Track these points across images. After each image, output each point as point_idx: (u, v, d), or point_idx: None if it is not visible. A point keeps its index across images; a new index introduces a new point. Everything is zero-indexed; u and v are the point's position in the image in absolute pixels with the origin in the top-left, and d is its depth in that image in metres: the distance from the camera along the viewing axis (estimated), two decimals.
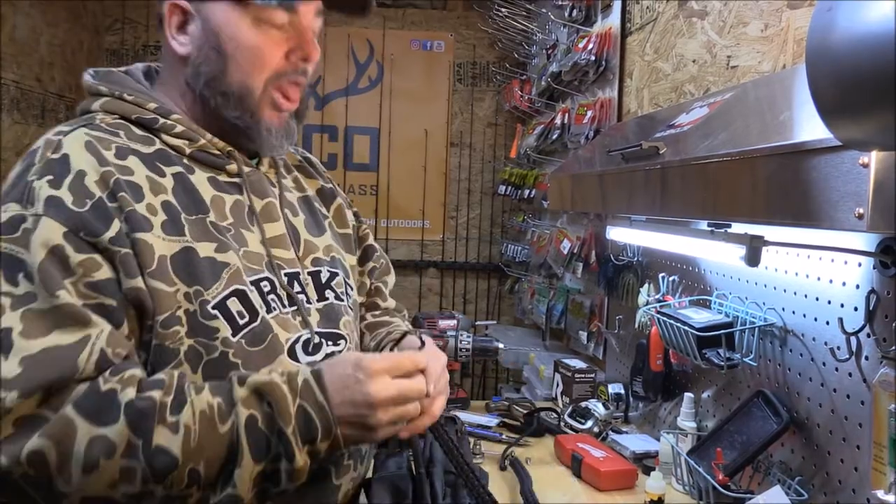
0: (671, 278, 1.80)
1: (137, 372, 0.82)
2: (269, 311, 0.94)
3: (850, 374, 1.18)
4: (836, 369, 1.21)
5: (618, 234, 1.78)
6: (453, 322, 2.13)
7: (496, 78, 3.81)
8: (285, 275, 1.00)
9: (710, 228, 1.27)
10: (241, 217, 0.98)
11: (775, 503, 1.18)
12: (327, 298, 1.05)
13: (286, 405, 0.82)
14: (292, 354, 0.95)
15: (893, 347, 1.05)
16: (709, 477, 1.38)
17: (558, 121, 2.65)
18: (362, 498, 1.05)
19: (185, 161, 0.96)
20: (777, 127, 1.05)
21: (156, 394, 0.80)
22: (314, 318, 1.01)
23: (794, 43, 1.35)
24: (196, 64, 0.97)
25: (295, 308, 0.98)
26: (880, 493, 1.06)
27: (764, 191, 0.98)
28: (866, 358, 1.14)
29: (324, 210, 1.17)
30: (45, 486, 0.77)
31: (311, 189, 1.17)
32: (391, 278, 1.33)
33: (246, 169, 1.01)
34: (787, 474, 1.34)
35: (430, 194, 3.90)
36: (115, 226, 0.84)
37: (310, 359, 0.97)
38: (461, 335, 2.05)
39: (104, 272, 0.83)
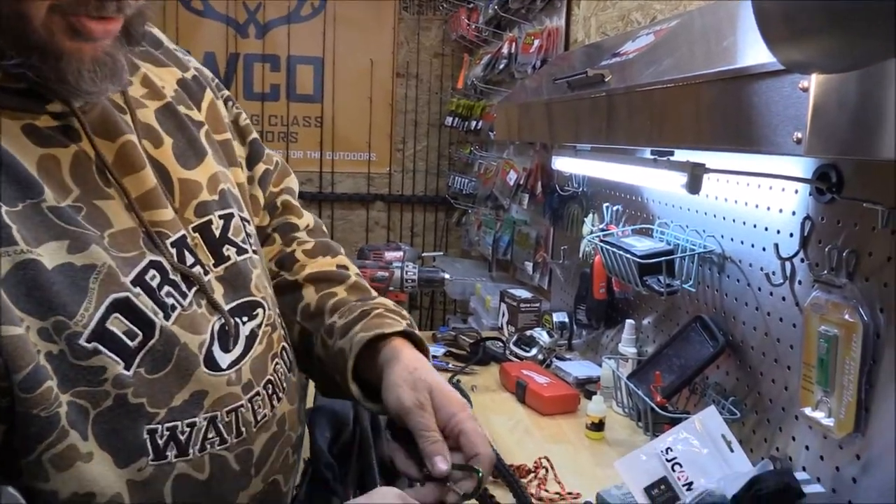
0: (615, 208, 1.82)
1: None
2: (167, 315, 0.70)
3: (783, 299, 1.22)
4: (771, 294, 1.25)
5: (563, 164, 1.78)
6: (399, 253, 2.13)
7: (443, 6, 3.72)
8: (172, 245, 0.74)
9: (653, 157, 1.28)
10: (89, 179, 0.69)
11: (710, 422, 1.22)
12: (227, 258, 0.81)
13: None
14: (210, 363, 0.74)
15: (825, 271, 1.08)
16: (647, 399, 1.43)
17: (505, 50, 2.62)
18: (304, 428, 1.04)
19: None
20: (721, 53, 1.05)
21: None
22: (218, 293, 0.78)
23: None
24: None
25: (197, 289, 0.75)
26: (807, 411, 1.11)
27: (707, 117, 0.98)
28: (799, 282, 1.18)
29: (193, 114, 0.85)
30: None
31: (168, 86, 0.84)
32: (294, 183, 1.07)
33: (78, 103, 0.69)
34: (721, 395, 1.39)
35: (377, 126, 3.83)
36: None
37: (229, 357, 0.77)
38: (407, 266, 2.05)
39: None
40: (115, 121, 0.73)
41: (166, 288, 0.72)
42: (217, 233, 0.81)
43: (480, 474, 0.75)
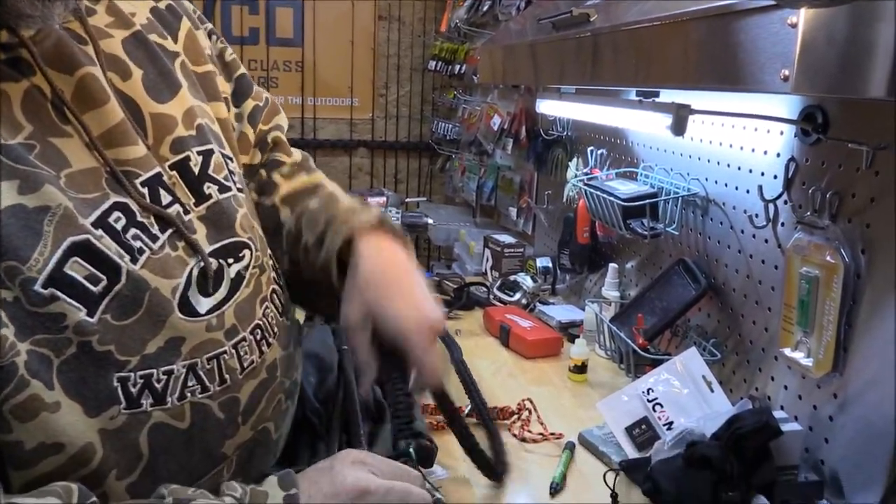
0: (599, 152, 1.81)
1: None
2: (134, 258, 0.67)
3: (766, 241, 1.22)
4: (754, 236, 1.25)
5: (548, 107, 1.76)
6: (382, 199, 2.12)
7: None
8: (142, 185, 0.70)
9: (638, 98, 1.26)
10: (43, 116, 0.65)
11: (690, 363, 1.24)
12: (209, 196, 0.77)
13: None
14: (185, 307, 0.70)
15: (808, 213, 1.08)
16: (629, 341, 1.44)
17: None
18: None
19: None
20: None
21: None
22: (200, 234, 0.74)
23: None
24: None
25: (172, 231, 0.71)
26: (787, 351, 1.13)
27: (694, 55, 0.97)
28: (782, 224, 1.18)
29: (167, 44, 0.80)
30: None
31: (140, 13, 0.78)
32: (284, 121, 1.03)
33: (27, 32, 0.63)
34: (703, 337, 1.40)
35: (358, 71, 3.76)
36: None
37: (209, 301, 0.73)
38: (390, 212, 2.04)
39: None
40: (72, 52, 0.68)
41: (133, 230, 0.68)
42: (196, 170, 0.77)
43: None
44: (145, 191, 0.70)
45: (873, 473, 0.98)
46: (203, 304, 0.73)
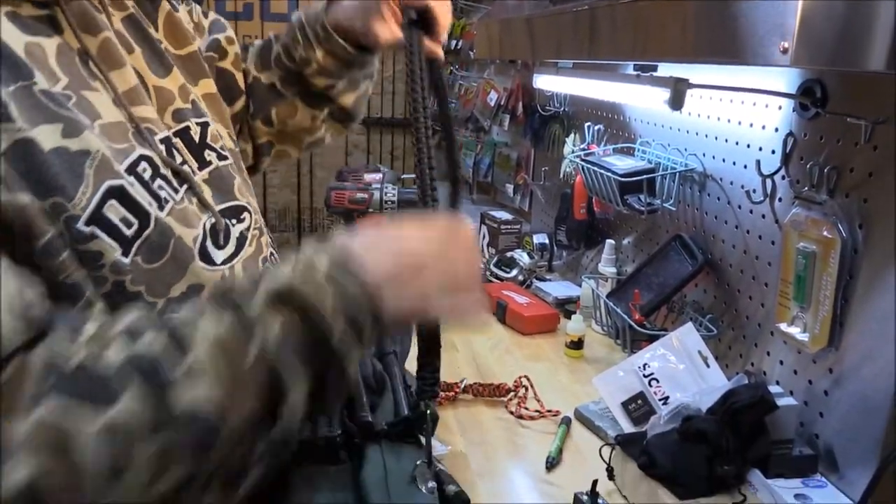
0: (596, 127, 1.80)
1: (93, 325, 0.56)
2: (161, 206, 0.70)
3: (763, 216, 1.22)
4: (751, 212, 1.25)
5: (545, 82, 1.75)
6: (378, 175, 2.10)
7: None
8: (160, 142, 0.74)
9: (636, 73, 1.25)
10: (74, 71, 0.68)
11: (687, 338, 1.24)
12: (209, 162, 0.81)
13: (321, 309, 0.58)
14: (204, 256, 0.74)
15: (806, 188, 1.08)
16: (625, 317, 1.45)
17: None
18: None
19: None
20: None
21: (142, 346, 0.54)
22: (207, 194, 0.78)
23: None
24: None
25: (187, 187, 0.74)
26: (783, 326, 1.13)
27: (692, 28, 0.95)
28: (780, 199, 1.17)
29: (151, 31, 0.83)
30: None
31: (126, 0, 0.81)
32: (230, 31, 1.03)
33: None
34: (699, 312, 1.40)
35: None
36: None
37: (222, 254, 0.76)
38: (386, 188, 2.03)
39: None
40: (93, 17, 0.72)
41: (158, 181, 0.71)
42: (196, 138, 0.80)
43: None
44: (162, 148, 0.74)
45: (867, 447, 0.99)
46: (218, 255, 0.76)
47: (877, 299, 0.98)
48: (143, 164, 0.70)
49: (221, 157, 0.83)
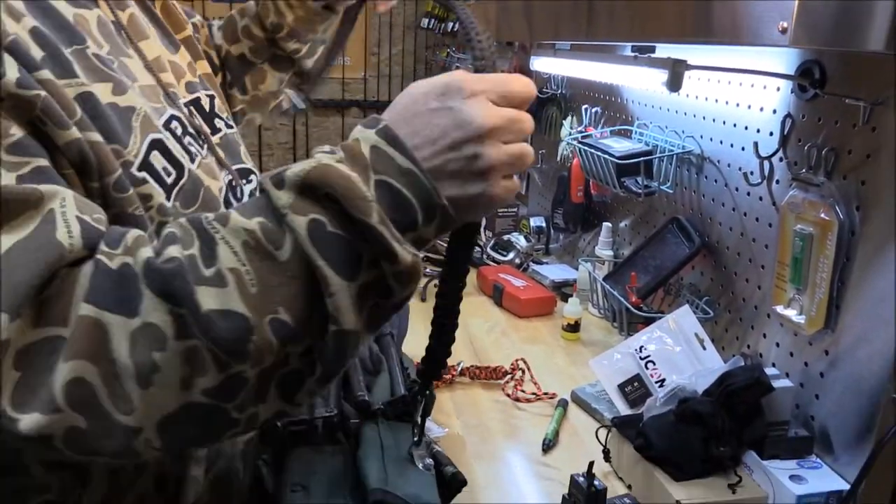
0: (594, 110, 1.79)
1: (138, 232, 0.60)
2: (192, 159, 0.77)
3: (760, 199, 1.21)
4: (748, 194, 1.25)
5: (542, 64, 1.74)
6: None
7: None
8: (185, 105, 0.82)
9: (633, 54, 1.24)
10: (112, 40, 0.75)
11: (683, 321, 1.24)
12: (219, 129, 0.89)
13: (356, 189, 0.56)
14: (227, 206, 0.79)
15: (804, 170, 1.08)
16: (622, 299, 1.45)
17: None
18: None
19: None
20: None
21: (173, 249, 0.56)
22: (222, 155, 0.86)
23: None
24: None
25: (207, 146, 0.83)
26: (779, 308, 1.13)
27: (691, 8, 0.95)
28: (777, 182, 1.17)
29: (156, 13, 0.92)
30: (99, 434, 0.54)
31: None
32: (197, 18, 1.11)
33: None
34: (696, 295, 1.41)
35: None
36: (10, 63, 0.59)
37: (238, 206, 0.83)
38: None
39: (16, 129, 0.59)
40: None
41: (187, 138, 0.79)
42: (207, 107, 0.89)
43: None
44: (187, 111, 0.82)
45: (863, 429, 0.99)
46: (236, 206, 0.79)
47: (873, 281, 0.98)
48: (175, 123, 0.77)
49: (228, 126, 0.91)
